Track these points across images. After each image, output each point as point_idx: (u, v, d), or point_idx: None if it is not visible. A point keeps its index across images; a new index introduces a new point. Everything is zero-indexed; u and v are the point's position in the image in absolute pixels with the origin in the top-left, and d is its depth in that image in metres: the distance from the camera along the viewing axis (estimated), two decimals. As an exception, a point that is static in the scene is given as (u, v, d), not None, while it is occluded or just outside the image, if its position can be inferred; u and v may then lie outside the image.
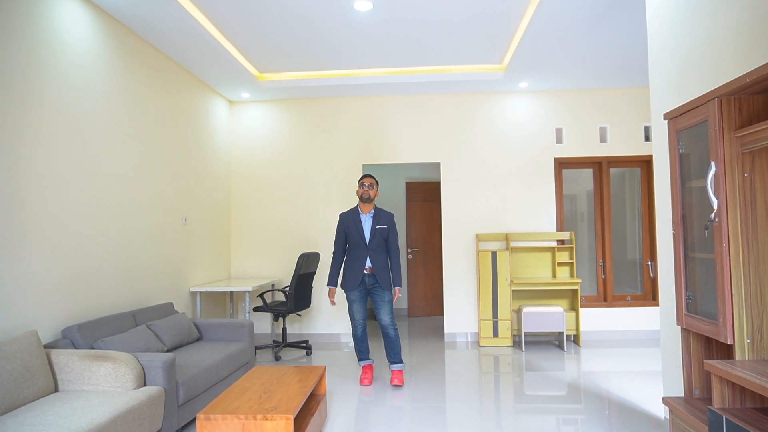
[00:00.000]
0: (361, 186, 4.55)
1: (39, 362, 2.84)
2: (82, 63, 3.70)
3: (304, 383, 3.25)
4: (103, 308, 3.88)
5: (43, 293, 3.28)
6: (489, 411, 3.84)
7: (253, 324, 4.59)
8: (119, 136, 4.14)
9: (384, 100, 6.43)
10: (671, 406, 2.48)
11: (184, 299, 5.20)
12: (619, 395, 4.10)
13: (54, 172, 3.39)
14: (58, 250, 3.41)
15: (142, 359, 3.13)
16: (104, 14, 3.95)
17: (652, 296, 6.24)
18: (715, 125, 2.18)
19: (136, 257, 4.33)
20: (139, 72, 4.45)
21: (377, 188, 4.60)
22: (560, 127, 6.30)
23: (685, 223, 2.53)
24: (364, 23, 4.50)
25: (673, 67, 3.18)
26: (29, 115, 3.18)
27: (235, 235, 6.51)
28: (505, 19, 4.47)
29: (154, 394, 2.97)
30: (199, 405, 3.53)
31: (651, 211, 6.24)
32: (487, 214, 6.30)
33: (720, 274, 2.17)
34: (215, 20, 4.41)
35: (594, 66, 5.45)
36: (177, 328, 4.13)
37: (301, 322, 6.41)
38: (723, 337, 2.15)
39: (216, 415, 2.68)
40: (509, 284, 5.87)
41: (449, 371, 4.95)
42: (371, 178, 4.57)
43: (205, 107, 5.81)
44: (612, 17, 4.25)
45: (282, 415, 2.67)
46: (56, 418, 2.48)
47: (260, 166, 6.51)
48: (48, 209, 3.33)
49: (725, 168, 2.16)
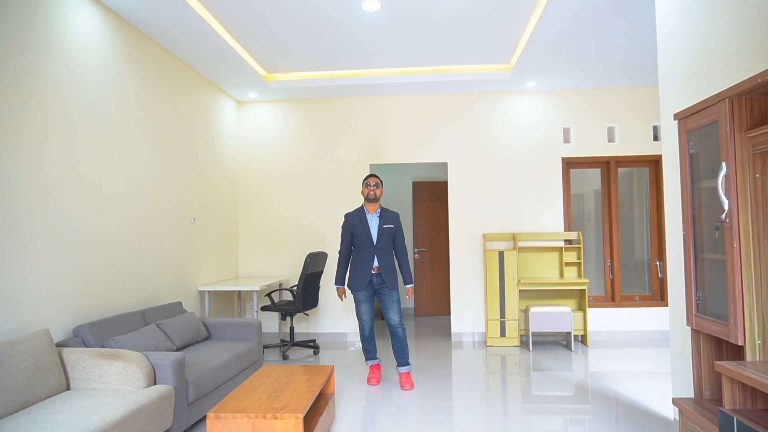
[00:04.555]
0: (366, 185, 4.55)
1: (51, 360, 2.87)
2: (91, 63, 3.73)
3: (313, 382, 3.26)
4: (114, 307, 3.91)
5: (55, 292, 3.31)
6: (496, 411, 3.84)
7: (261, 323, 4.62)
8: (128, 136, 4.17)
9: (391, 100, 6.43)
10: (681, 406, 2.48)
11: (192, 298, 5.23)
12: (627, 396, 4.08)
13: (64, 173, 3.42)
14: (69, 250, 3.44)
15: (152, 358, 3.16)
16: (113, 14, 3.98)
17: (661, 296, 6.21)
18: (726, 125, 2.17)
19: (145, 257, 4.36)
20: (147, 72, 4.47)
21: (382, 188, 4.61)
22: (568, 127, 6.28)
23: (696, 224, 2.52)
24: (371, 23, 4.51)
25: (683, 67, 3.17)
26: (39, 116, 3.21)
27: (242, 234, 6.53)
28: (513, 19, 4.46)
29: (164, 393, 2.99)
30: (209, 404, 3.55)
31: (659, 210, 6.21)
32: (495, 214, 6.29)
33: (731, 275, 2.16)
34: (223, 20, 4.43)
35: (602, 65, 5.43)
36: (186, 327, 4.15)
37: (309, 322, 6.43)
38: (734, 338, 2.15)
39: (226, 413, 2.70)
40: (516, 284, 5.87)
41: (456, 371, 4.95)
42: (376, 178, 4.58)
43: (213, 107, 5.84)
44: (620, 17, 4.23)
45: (291, 414, 2.68)
46: (68, 416, 2.50)
47: (268, 166, 6.53)
48: (59, 210, 3.36)
49: (736, 168, 2.15)
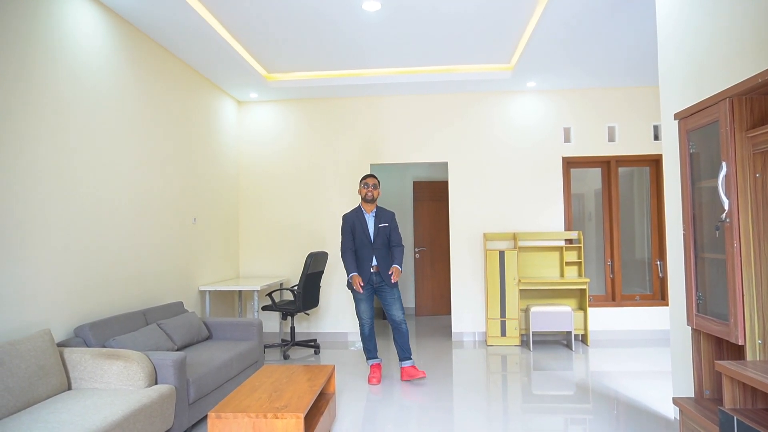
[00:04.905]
0: (364, 186, 4.60)
1: (52, 360, 2.87)
2: (91, 64, 3.73)
3: (314, 382, 3.26)
4: (115, 307, 3.92)
5: (56, 292, 3.31)
6: (497, 411, 3.85)
7: (261, 323, 4.62)
8: (129, 136, 4.17)
9: (392, 100, 6.44)
10: (681, 406, 2.48)
11: (193, 298, 5.23)
12: (628, 395, 4.09)
13: (65, 173, 3.42)
14: (70, 251, 3.45)
15: (154, 358, 3.16)
16: (113, 14, 3.98)
17: (661, 296, 6.21)
18: (727, 125, 2.17)
19: (146, 257, 4.36)
20: (148, 72, 4.48)
21: (379, 188, 4.68)
22: (568, 127, 6.28)
23: (696, 224, 2.52)
24: (372, 23, 4.51)
25: (684, 67, 3.17)
26: (39, 117, 3.22)
27: (243, 234, 6.54)
28: (514, 18, 4.46)
29: (165, 393, 3.00)
30: (210, 403, 3.56)
31: (660, 210, 6.21)
32: (495, 214, 6.29)
33: (731, 275, 2.17)
34: (224, 21, 4.43)
35: (602, 65, 5.43)
36: (187, 327, 4.16)
37: (309, 321, 6.44)
38: (734, 338, 2.15)
39: (227, 413, 2.70)
40: (517, 284, 5.87)
41: (457, 371, 4.96)
42: (375, 179, 4.63)
43: (213, 107, 5.84)
44: (620, 17, 4.23)
45: (292, 413, 2.68)
46: (70, 416, 2.51)
47: (268, 166, 6.54)
48: (60, 210, 3.36)
49: (736, 168, 2.15)
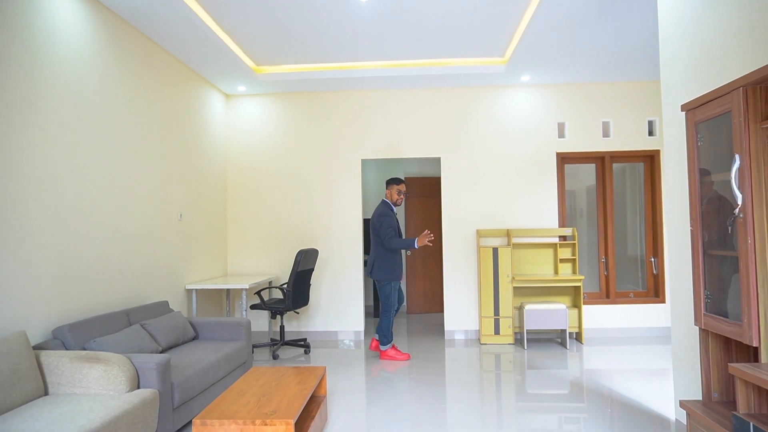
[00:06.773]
0: (399, 193, 5.31)
1: (27, 364, 2.72)
2: (74, 55, 3.55)
3: (304, 385, 3.13)
4: (96, 307, 3.75)
5: (33, 292, 3.14)
6: (490, 410, 3.75)
7: (250, 322, 4.48)
8: (112, 130, 4.00)
9: (383, 94, 6.30)
10: (689, 409, 2.38)
11: (179, 297, 5.07)
12: (622, 393, 4.02)
13: (44, 167, 3.25)
14: (48, 247, 3.28)
15: (136, 360, 3.01)
16: (98, 4, 3.80)
17: (655, 293, 6.16)
18: (740, 116, 2.07)
19: (129, 254, 4.20)
20: (133, 64, 4.30)
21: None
22: (562, 122, 6.19)
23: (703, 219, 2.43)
24: (364, 14, 4.37)
25: (688, 56, 3.07)
26: (19, 109, 3.04)
27: (231, 231, 6.38)
28: (508, 11, 4.35)
29: (147, 397, 2.85)
30: (195, 407, 3.41)
31: (654, 206, 6.15)
32: (488, 210, 6.19)
33: (744, 273, 2.07)
34: (211, 11, 4.27)
35: (597, 60, 5.35)
36: (172, 328, 4.00)
37: (299, 320, 6.30)
38: (748, 339, 2.05)
39: (213, 420, 2.57)
40: (510, 281, 5.78)
41: (450, 370, 4.86)
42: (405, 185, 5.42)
43: (200, 101, 5.67)
44: (616, 10, 4.14)
45: (282, 420, 2.56)
46: (45, 424, 2.36)
47: (257, 161, 6.38)
48: (38, 205, 3.19)
49: (750, 161, 2.06)
